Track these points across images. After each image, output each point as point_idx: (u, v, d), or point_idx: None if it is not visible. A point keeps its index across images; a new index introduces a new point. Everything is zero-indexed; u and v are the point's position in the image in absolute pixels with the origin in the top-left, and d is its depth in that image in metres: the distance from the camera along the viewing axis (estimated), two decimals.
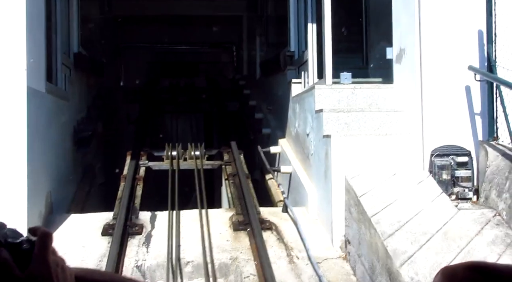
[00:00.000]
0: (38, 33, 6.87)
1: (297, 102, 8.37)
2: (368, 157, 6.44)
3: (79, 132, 9.09)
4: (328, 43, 7.45)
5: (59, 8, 8.43)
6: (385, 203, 5.72)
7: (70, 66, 8.94)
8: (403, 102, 6.96)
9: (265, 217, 7.17)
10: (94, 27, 12.14)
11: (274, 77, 10.47)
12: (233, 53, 16.60)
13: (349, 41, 9.84)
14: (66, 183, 8.40)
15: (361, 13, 9.51)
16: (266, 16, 12.69)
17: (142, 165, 8.83)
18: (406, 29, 6.92)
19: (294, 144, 8.59)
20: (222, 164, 9.08)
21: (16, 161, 6.19)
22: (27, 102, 6.24)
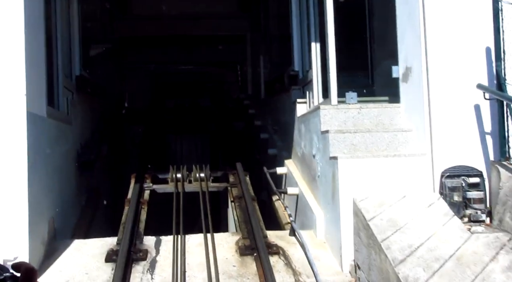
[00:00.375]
0: (37, 56, 6.77)
1: (302, 123, 8.24)
2: (376, 178, 6.30)
3: (83, 155, 8.98)
4: (332, 63, 7.33)
5: (59, 30, 8.36)
6: (395, 227, 5.56)
7: (73, 90, 8.86)
8: (411, 122, 6.83)
9: (272, 241, 7.01)
10: (97, 49, 12.07)
11: (279, 97, 10.35)
12: (237, 72, 16.52)
13: (353, 59, 9.72)
14: (70, 208, 8.27)
15: (365, 31, 9.40)
16: (269, 35, 12.61)
17: (146, 188, 8.71)
18: (412, 47, 6.79)
19: (300, 164, 8.44)
20: (227, 186, 8.94)
21: (16, 188, 6.07)
22: (27, 128, 6.13)
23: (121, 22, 14.72)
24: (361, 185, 6.28)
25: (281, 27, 11.37)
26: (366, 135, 6.72)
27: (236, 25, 15.06)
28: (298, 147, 8.60)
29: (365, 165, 6.34)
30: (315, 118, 7.41)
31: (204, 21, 15.02)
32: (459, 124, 6.30)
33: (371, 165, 6.35)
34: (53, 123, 7.38)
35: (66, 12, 8.97)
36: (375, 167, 6.34)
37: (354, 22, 9.61)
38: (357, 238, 6.02)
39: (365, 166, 6.33)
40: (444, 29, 6.39)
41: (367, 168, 6.33)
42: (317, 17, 8.37)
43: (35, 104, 6.52)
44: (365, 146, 6.67)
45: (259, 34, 13.61)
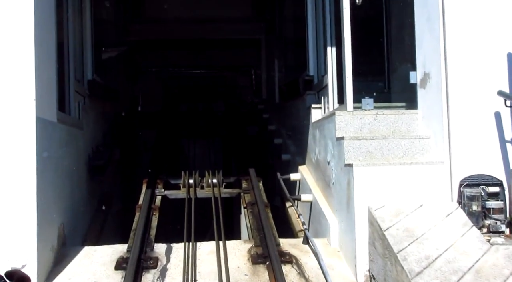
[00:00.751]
0: (48, 60, 6.67)
1: (317, 128, 8.09)
2: (392, 187, 6.13)
3: (94, 160, 8.88)
4: (348, 68, 7.18)
5: (71, 33, 8.28)
6: (411, 237, 5.39)
7: (84, 94, 8.77)
8: (429, 128, 6.65)
9: (285, 249, 6.86)
10: (109, 52, 11.99)
11: (293, 102, 10.20)
12: (251, 76, 16.38)
13: (369, 64, 9.55)
14: (81, 213, 8.18)
15: (381, 35, 9.22)
16: (284, 38, 12.47)
17: (158, 194, 8.59)
18: (430, 52, 6.62)
19: (314, 171, 8.29)
20: (240, 192, 8.79)
21: (25, 194, 5.98)
22: (37, 133, 6.03)
23: (134, 25, 14.64)
24: (377, 193, 6.12)
25: (297, 31, 11.24)
26: (383, 142, 6.56)
27: (251, 29, 14.94)
28: (312, 153, 8.44)
29: (381, 172, 6.18)
30: (330, 124, 7.25)
31: (218, 24, 14.90)
32: (478, 132, 6.12)
33: (388, 173, 6.18)
34: (63, 128, 7.28)
35: (78, 15, 8.88)
36: (392, 175, 6.18)
37: (370, 26, 9.44)
38: (372, 248, 5.85)
39: (381, 174, 6.17)
40: (464, 34, 6.21)
41: (383, 176, 6.17)
42: (333, 21, 8.22)
43: (45, 109, 6.42)
44: (381, 153, 6.51)
45: (273, 38, 13.47)
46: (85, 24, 9.23)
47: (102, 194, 9.61)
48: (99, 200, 9.42)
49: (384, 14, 9.00)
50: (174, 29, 14.82)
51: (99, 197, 9.52)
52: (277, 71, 12.90)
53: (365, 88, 8.36)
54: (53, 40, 6.96)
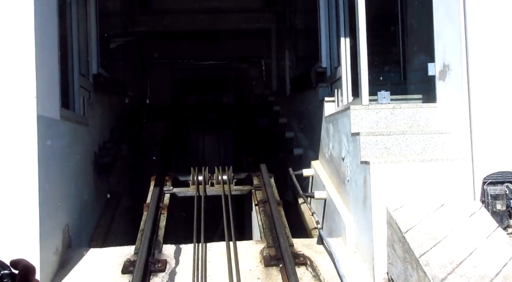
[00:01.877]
0: (50, 55, 6.39)
1: (330, 123, 7.78)
2: (411, 185, 5.82)
3: (101, 157, 8.63)
4: (363, 60, 6.84)
5: (75, 26, 7.98)
6: (434, 240, 5.09)
7: (90, 89, 8.49)
8: (449, 123, 6.32)
9: (299, 250, 6.58)
10: (116, 44, 11.70)
11: (305, 94, 9.88)
12: (261, 67, 16.05)
13: (383, 54, 9.21)
14: (88, 212, 7.94)
15: (397, 24, 8.87)
16: (295, 29, 12.11)
17: (166, 192, 8.32)
18: (450, 43, 6.29)
19: (328, 166, 7.98)
20: (251, 189, 8.50)
21: (27, 196, 5.73)
22: (38, 132, 5.77)
23: (142, 16, 14.33)
24: (395, 192, 5.81)
25: (308, 21, 10.90)
26: (400, 138, 6.24)
27: (261, 19, 14.59)
28: (325, 147, 8.14)
29: (400, 170, 5.87)
30: (344, 118, 6.94)
31: (227, 14, 14.58)
32: (502, 126, 5.80)
33: (406, 170, 5.87)
34: (67, 125, 7.02)
35: (82, 7, 8.57)
36: (410, 172, 5.87)
37: (384, 13, 9.09)
38: (391, 250, 5.55)
39: (400, 172, 5.86)
40: (486, 23, 5.87)
41: (401, 173, 5.86)
42: (347, 10, 7.87)
43: (47, 106, 6.15)
44: (399, 149, 6.19)
45: (284, 28, 13.12)
46: (90, 15, 8.90)
47: (110, 191, 9.35)
48: (107, 197, 9.16)
49: (399, 2, 8.66)
50: (183, 20, 14.51)
51: (106, 195, 9.27)
52: (288, 62, 12.56)
53: (379, 80, 8.04)
54: (55, 33, 6.67)
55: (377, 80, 7.79)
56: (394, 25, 8.85)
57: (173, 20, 14.29)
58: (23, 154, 5.74)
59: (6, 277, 1.22)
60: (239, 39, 15.50)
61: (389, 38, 9.02)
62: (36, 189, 5.79)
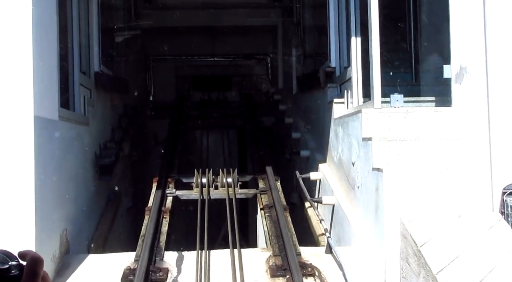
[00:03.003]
0: (48, 52, 6.10)
1: (340, 125, 7.48)
2: (426, 194, 5.53)
3: (101, 158, 8.34)
4: (376, 60, 6.51)
5: (76, 21, 7.67)
6: (451, 255, 4.79)
7: (91, 87, 8.20)
8: (466, 128, 6.01)
9: (306, 260, 6.29)
10: (118, 40, 11.40)
11: (313, 94, 9.57)
12: (267, 65, 15.74)
13: (394, 54, 8.89)
14: (87, 215, 7.67)
15: (409, 23, 8.55)
16: (303, 25, 11.78)
17: (169, 194, 8.04)
18: (468, 43, 5.98)
19: (336, 171, 7.69)
20: (257, 193, 8.21)
21: (22, 199, 5.47)
22: (35, 134, 5.50)
23: (146, 11, 14.02)
24: (409, 201, 5.52)
25: (316, 17, 10.58)
26: (414, 144, 5.94)
27: (267, 15, 14.27)
28: (334, 150, 7.84)
29: (414, 178, 5.57)
30: (355, 122, 6.64)
31: (232, 10, 14.26)
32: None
33: (421, 179, 5.58)
34: (67, 126, 6.75)
35: (84, 1, 8.26)
36: (425, 180, 5.57)
37: (396, 12, 8.77)
38: (405, 264, 5.26)
39: (414, 180, 5.57)
40: (508, 23, 5.56)
41: (416, 181, 5.56)
42: (358, 6, 7.55)
43: (45, 107, 5.88)
44: (412, 155, 5.89)
45: (291, 25, 12.80)
46: (91, 9, 8.58)
47: (111, 192, 9.09)
48: (107, 199, 8.90)
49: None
50: (187, 16, 14.20)
51: (107, 196, 9.00)
52: (295, 60, 12.25)
53: (390, 81, 7.73)
54: (54, 28, 6.37)
55: (387, 81, 7.49)
56: (405, 23, 8.55)
57: (178, 15, 13.99)
58: (19, 156, 5.47)
59: (14, 268, 1.24)
60: (244, 35, 15.19)
61: (400, 36, 8.71)
62: (32, 193, 5.53)
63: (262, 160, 9.65)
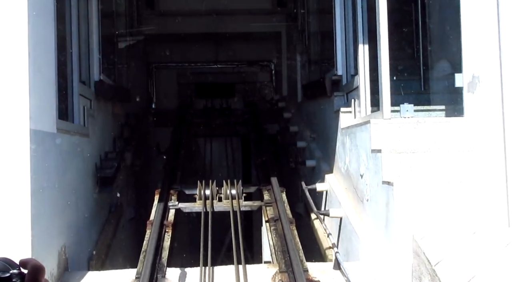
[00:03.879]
0: (46, 62, 5.89)
1: (347, 135, 7.26)
2: (439, 209, 5.31)
3: (102, 169, 8.13)
4: (385, 68, 6.29)
5: (75, 29, 7.45)
6: (468, 274, 4.55)
7: (91, 97, 7.98)
8: (479, 139, 5.78)
9: (314, 277, 6.05)
10: (120, 48, 11.20)
11: (319, 102, 9.35)
12: (271, 72, 15.52)
13: (402, 61, 8.64)
14: (87, 229, 7.46)
15: (417, 29, 8.30)
16: (308, 31, 11.55)
17: (171, 207, 7.82)
18: (481, 51, 5.75)
19: (344, 182, 7.46)
20: (262, 205, 7.98)
21: (18, 215, 5.25)
22: (31, 148, 5.29)
23: (147, 18, 13.83)
24: (421, 217, 5.30)
25: (322, 23, 10.36)
26: (425, 156, 5.71)
27: (271, 21, 14.05)
28: (341, 161, 7.62)
29: (426, 192, 5.35)
30: (363, 133, 6.42)
31: (235, 16, 14.06)
32: None
33: (433, 193, 5.36)
34: (65, 138, 6.52)
35: (84, 8, 8.01)
36: (437, 195, 5.36)
37: (405, 18, 8.53)
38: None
39: (426, 194, 5.34)
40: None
41: (428, 196, 5.34)
42: (365, 12, 7.33)
43: (42, 120, 5.66)
44: (424, 168, 5.66)
45: (296, 31, 12.58)
46: (91, 17, 8.33)
47: (112, 204, 8.87)
48: (109, 212, 8.68)
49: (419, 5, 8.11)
50: (190, 22, 14.00)
51: (108, 209, 8.78)
52: (300, 67, 12.02)
53: (398, 89, 7.49)
54: (52, 36, 6.14)
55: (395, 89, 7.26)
56: (413, 29, 8.31)
57: (180, 22, 13.79)
58: (14, 171, 5.26)
59: (16, 276, 1.26)
60: (248, 42, 14.97)
61: (408, 43, 8.48)
62: (28, 210, 5.31)
63: (267, 169, 9.43)
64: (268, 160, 10.01)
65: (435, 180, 5.50)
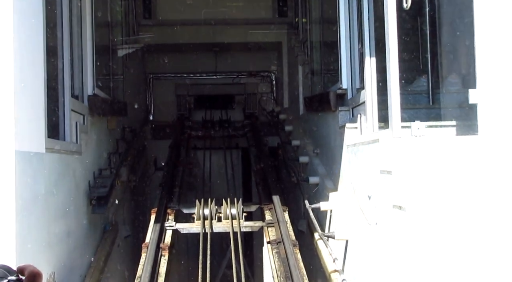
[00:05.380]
0: (34, 77, 5.50)
1: (353, 153, 6.88)
2: (455, 238, 4.92)
3: (96, 188, 7.75)
4: (394, 82, 5.89)
5: (67, 41, 7.05)
6: None
7: (84, 112, 7.59)
8: (495, 158, 5.39)
9: None
10: (116, 57, 10.83)
11: (322, 116, 8.97)
12: (272, 83, 15.16)
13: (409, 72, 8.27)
14: (80, 252, 7.08)
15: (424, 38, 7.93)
16: (310, 41, 11.19)
17: (168, 228, 7.46)
18: (498, 66, 5.38)
19: (350, 202, 7.06)
20: (263, 226, 7.61)
21: (2, 244, 4.86)
22: (16, 171, 4.91)
23: (145, 27, 13.48)
24: (436, 244, 4.91)
25: (325, 33, 10.00)
26: (440, 178, 5.30)
27: (271, 31, 13.72)
28: (346, 180, 7.24)
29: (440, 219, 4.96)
30: (371, 151, 6.06)
31: (235, 26, 13.74)
32: None
33: (449, 220, 4.97)
34: (55, 158, 6.15)
35: (76, 16, 7.61)
36: (453, 222, 4.96)
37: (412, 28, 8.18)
38: None
39: (442, 221, 4.96)
40: None
41: (443, 223, 4.95)
42: (372, 22, 6.98)
43: (29, 139, 5.29)
44: (438, 192, 5.25)
45: (297, 41, 12.23)
46: (85, 27, 7.95)
47: (107, 223, 8.49)
48: (103, 231, 8.30)
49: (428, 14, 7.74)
50: (189, 32, 13.68)
51: (103, 226, 8.41)
52: (301, 79, 11.66)
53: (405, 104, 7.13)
54: (41, 47, 5.71)
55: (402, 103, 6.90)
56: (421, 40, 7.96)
57: (179, 31, 13.47)
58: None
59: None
60: (248, 52, 14.65)
61: (416, 55, 8.13)
62: (13, 236, 4.94)
63: (268, 186, 9.07)
64: (269, 176, 9.64)
65: (451, 206, 5.11)
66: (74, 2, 7.54)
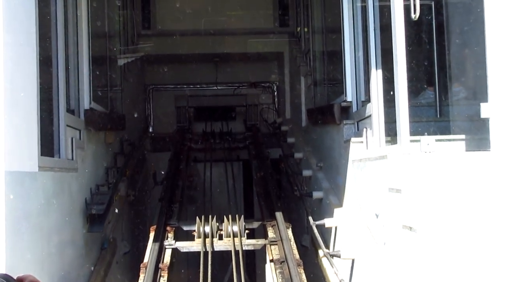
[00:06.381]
0: (25, 93, 5.25)
1: (359, 169, 6.63)
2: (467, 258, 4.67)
3: (93, 205, 7.49)
4: (403, 96, 5.65)
5: (61, 53, 6.79)
6: None
7: (80, 127, 7.34)
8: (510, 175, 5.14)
9: None
10: (115, 68, 10.58)
11: (326, 129, 8.72)
12: (273, 94, 14.92)
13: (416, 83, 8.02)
14: (75, 272, 6.82)
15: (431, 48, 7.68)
16: (312, 51, 10.94)
17: (167, 247, 7.21)
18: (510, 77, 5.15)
19: (356, 220, 6.80)
20: (266, 244, 7.35)
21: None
22: (6, 192, 4.68)
23: (144, 38, 13.26)
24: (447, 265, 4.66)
25: (328, 42, 9.76)
26: (451, 197, 5.06)
27: (273, 41, 13.50)
28: (352, 196, 6.98)
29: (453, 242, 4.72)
30: (378, 167, 5.81)
31: (236, 37, 13.53)
32: None
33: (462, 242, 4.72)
34: (49, 176, 5.89)
35: (72, 25, 7.36)
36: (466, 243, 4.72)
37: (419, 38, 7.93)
38: None
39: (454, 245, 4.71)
40: None
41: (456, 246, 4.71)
42: (378, 32, 6.74)
43: (20, 158, 5.06)
44: (450, 212, 5.01)
45: (299, 52, 11.99)
46: (81, 38, 7.69)
47: (104, 240, 8.23)
48: (101, 249, 8.03)
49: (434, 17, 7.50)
50: (189, 42, 13.46)
51: (101, 244, 8.14)
52: (304, 90, 11.42)
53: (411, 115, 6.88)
54: (33, 60, 5.46)
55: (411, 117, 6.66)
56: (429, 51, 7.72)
57: (179, 42, 13.25)
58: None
59: None
60: (249, 63, 14.41)
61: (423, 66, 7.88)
62: (3, 259, 4.69)
63: (271, 200, 8.83)
64: (272, 190, 9.39)
65: (465, 225, 4.86)
66: (70, 11, 7.27)
